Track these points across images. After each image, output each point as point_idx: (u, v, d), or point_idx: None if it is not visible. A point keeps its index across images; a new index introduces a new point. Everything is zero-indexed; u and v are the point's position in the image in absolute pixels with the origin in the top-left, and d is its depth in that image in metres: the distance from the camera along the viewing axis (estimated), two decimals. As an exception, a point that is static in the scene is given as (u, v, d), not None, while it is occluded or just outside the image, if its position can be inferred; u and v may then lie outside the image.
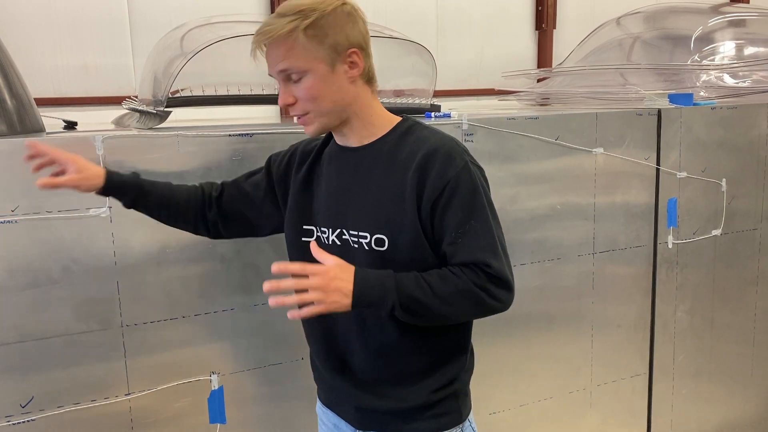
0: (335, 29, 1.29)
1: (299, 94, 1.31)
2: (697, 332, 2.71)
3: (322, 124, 1.35)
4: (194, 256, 1.89)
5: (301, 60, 1.28)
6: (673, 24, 3.46)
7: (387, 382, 1.42)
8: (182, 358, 1.92)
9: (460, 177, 1.29)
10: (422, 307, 1.26)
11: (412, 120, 1.42)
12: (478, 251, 1.28)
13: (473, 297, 1.27)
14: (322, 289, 1.19)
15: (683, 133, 2.55)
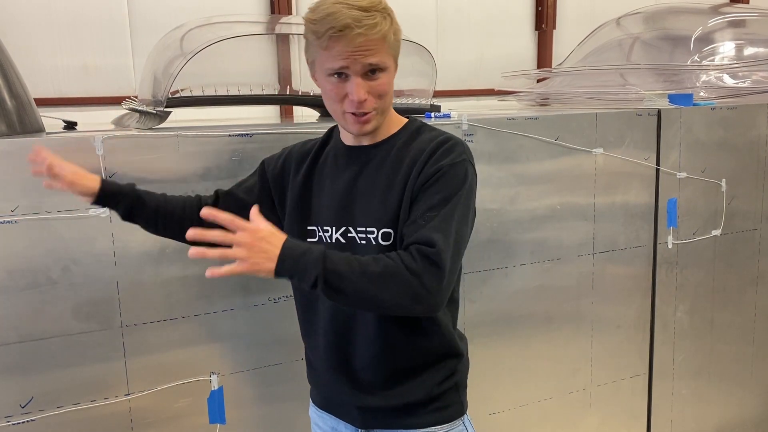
0: (395, 33, 1.35)
1: (377, 90, 1.33)
2: (697, 333, 2.71)
3: (379, 122, 1.38)
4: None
5: (386, 57, 1.32)
6: (672, 24, 3.46)
7: (390, 380, 1.42)
8: (182, 359, 1.91)
9: (452, 167, 1.32)
10: (346, 283, 1.20)
11: (420, 121, 1.47)
12: (432, 231, 1.25)
13: (401, 279, 1.21)
14: (247, 247, 1.16)
15: (683, 133, 2.55)
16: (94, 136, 1.77)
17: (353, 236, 1.38)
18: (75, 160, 1.73)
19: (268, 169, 1.57)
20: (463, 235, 1.32)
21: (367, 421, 1.47)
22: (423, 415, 1.43)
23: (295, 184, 1.49)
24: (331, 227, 1.41)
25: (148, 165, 1.82)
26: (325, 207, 1.43)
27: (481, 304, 2.31)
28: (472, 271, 2.28)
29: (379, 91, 1.32)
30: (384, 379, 1.42)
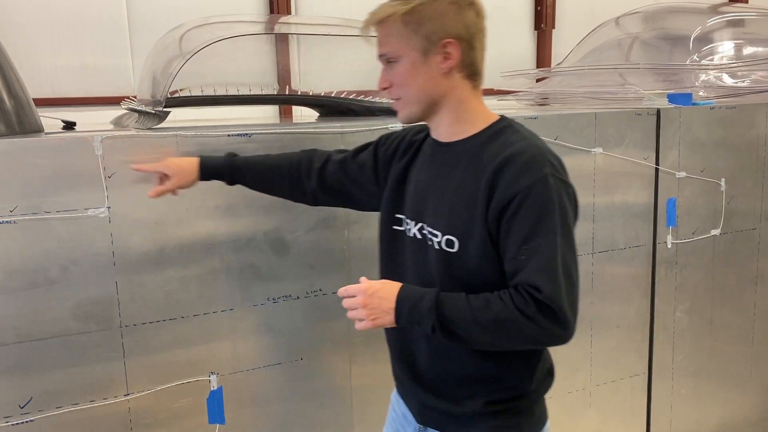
0: (433, 18, 1.28)
1: (393, 80, 1.32)
2: (697, 332, 2.70)
3: (411, 112, 1.35)
4: (193, 257, 1.88)
5: (395, 45, 1.30)
6: (671, 24, 3.46)
7: (446, 383, 1.41)
8: (181, 359, 1.91)
9: (533, 189, 1.22)
10: (461, 330, 1.23)
11: (508, 121, 1.37)
12: (533, 273, 1.19)
13: (515, 326, 1.19)
14: (363, 306, 1.27)
15: (682, 132, 2.55)
16: (93, 136, 1.77)
17: (426, 233, 1.38)
18: (74, 160, 1.74)
19: (381, 149, 1.57)
20: (571, 263, 1.23)
21: (424, 418, 1.48)
22: (473, 428, 1.40)
23: (396, 170, 1.49)
24: (411, 221, 1.42)
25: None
26: (410, 199, 1.44)
27: (481, 303, 2.31)
28: (471, 270, 2.28)
29: (395, 80, 1.32)
30: (441, 382, 1.42)
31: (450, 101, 1.33)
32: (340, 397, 2.13)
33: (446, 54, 1.29)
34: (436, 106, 1.34)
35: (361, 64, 2.71)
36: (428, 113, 1.35)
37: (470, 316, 1.22)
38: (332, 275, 2.06)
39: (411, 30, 1.28)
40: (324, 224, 2.03)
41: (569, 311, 1.20)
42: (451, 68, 1.30)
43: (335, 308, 2.07)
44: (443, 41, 1.28)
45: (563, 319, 1.19)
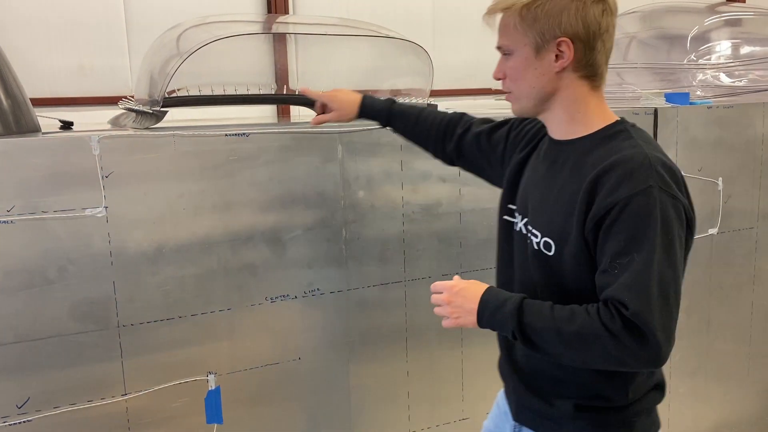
0: (550, 15, 1.24)
1: (506, 72, 1.32)
2: (694, 331, 2.71)
3: (520, 106, 1.35)
4: (191, 256, 1.88)
5: (511, 39, 1.29)
6: (669, 23, 3.46)
7: (539, 380, 1.39)
8: (179, 359, 1.91)
9: (633, 200, 1.15)
10: (542, 340, 1.20)
11: (625, 125, 1.31)
12: (623, 288, 1.13)
13: (599, 342, 1.14)
14: (447, 303, 1.30)
15: (680, 132, 2.55)
16: (90, 136, 1.77)
17: (528, 231, 1.37)
18: (71, 160, 1.74)
19: (512, 133, 1.56)
20: (669, 282, 1.15)
21: (519, 416, 1.47)
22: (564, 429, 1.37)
23: (516, 160, 1.49)
24: (519, 215, 1.42)
25: (144, 164, 1.82)
26: (521, 192, 1.44)
27: (479, 303, 2.31)
28: (469, 270, 2.28)
29: (508, 74, 1.32)
30: (534, 378, 1.40)
31: (563, 100, 1.30)
32: (338, 397, 2.13)
33: (559, 53, 1.26)
34: (547, 104, 1.31)
35: (358, 64, 2.71)
36: (540, 110, 1.34)
37: (552, 326, 1.18)
38: (330, 275, 2.06)
39: (527, 25, 1.26)
40: (322, 224, 2.03)
41: (660, 333, 1.11)
42: (563, 68, 1.27)
43: (333, 308, 2.08)
44: (557, 40, 1.25)
45: (652, 341, 1.11)
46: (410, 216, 2.17)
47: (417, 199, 2.18)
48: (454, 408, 2.32)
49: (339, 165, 2.04)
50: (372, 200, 2.11)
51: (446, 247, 2.24)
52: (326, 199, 2.03)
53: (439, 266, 2.24)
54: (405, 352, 2.22)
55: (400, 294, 2.19)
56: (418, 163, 2.16)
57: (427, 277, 2.22)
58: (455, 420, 2.33)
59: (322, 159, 2.01)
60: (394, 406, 2.22)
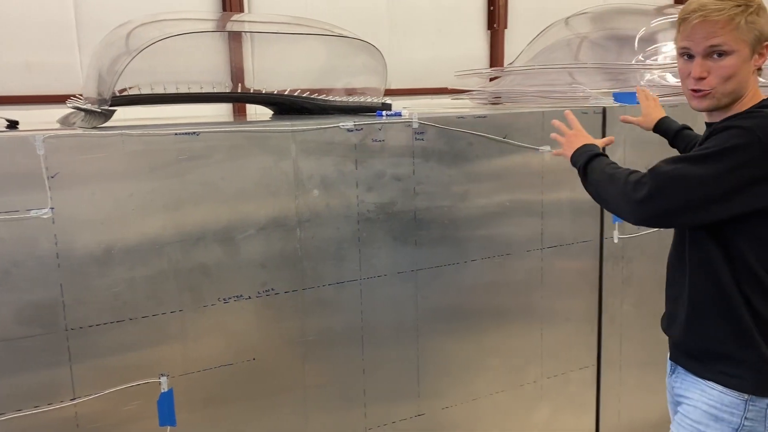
0: (763, 21, 1.46)
1: (715, 71, 1.47)
2: (643, 324, 2.79)
3: (716, 102, 1.50)
4: (141, 257, 1.86)
5: (733, 41, 1.45)
6: (618, 24, 3.55)
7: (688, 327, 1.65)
8: (130, 361, 1.89)
9: (725, 130, 1.41)
10: (592, 174, 1.63)
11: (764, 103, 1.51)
12: (670, 159, 1.45)
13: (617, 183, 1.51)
14: (566, 136, 1.81)
15: (627, 131, 2.62)
16: (35, 136, 1.73)
17: None
18: (16, 160, 1.69)
19: None
20: (687, 175, 1.40)
21: (672, 354, 1.77)
22: (707, 367, 1.60)
23: None
24: None
25: (92, 164, 1.79)
26: None
27: (434, 299, 2.34)
28: (424, 267, 2.30)
29: (721, 73, 1.47)
30: (687, 319, 1.64)
31: (746, 94, 1.51)
32: (293, 397, 2.13)
33: (762, 53, 1.49)
34: (736, 98, 1.50)
35: (313, 63, 2.70)
36: (730, 104, 1.51)
37: (602, 167, 1.60)
38: (284, 274, 2.06)
39: (749, 29, 1.45)
40: (275, 223, 2.02)
41: (647, 195, 1.43)
42: (760, 66, 1.50)
43: (288, 307, 2.08)
44: (764, 43, 1.48)
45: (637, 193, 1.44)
46: (365, 215, 2.18)
47: (372, 197, 2.19)
48: (410, 405, 2.34)
49: (292, 164, 2.04)
50: (327, 199, 2.11)
51: (401, 245, 2.26)
52: (279, 198, 2.02)
53: (395, 264, 2.25)
54: (361, 351, 2.23)
55: (356, 292, 2.20)
56: (373, 161, 2.17)
57: (382, 275, 2.24)
58: (411, 416, 2.35)
59: (275, 158, 2.01)
60: (350, 404, 2.23)
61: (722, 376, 1.57)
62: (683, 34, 1.51)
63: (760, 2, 1.47)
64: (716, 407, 1.59)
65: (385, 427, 2.30)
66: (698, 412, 1.62)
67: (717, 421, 1.59)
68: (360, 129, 2.14)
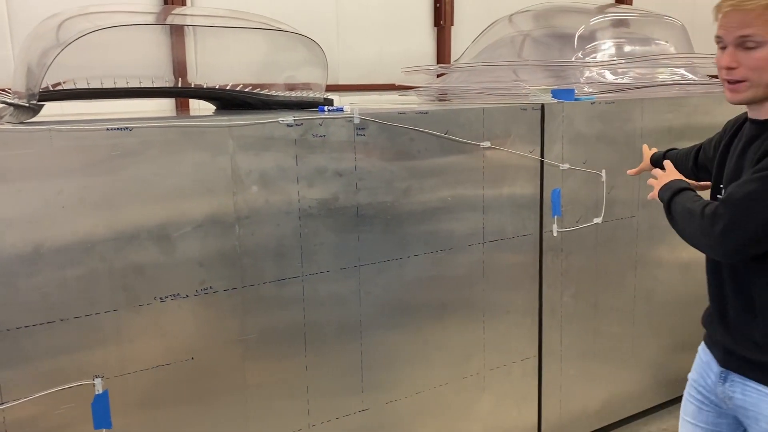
0: None
1: (746, 62, 1.43)
2: (582, 315, 2.86)
3: (752, 94, 1.47)
4: (72, 256, 1.81)
5: (766, 32, 1.40)
6: (560, 22, 3.62)
7: (750, 333, 1.56)
8: (62, 363, 1.83)
9: None
10: (674, 210, 1.59)
11: None
12: (734, 187, 1.44)
13: (693, 219, 1.50)
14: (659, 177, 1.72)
15: (565, 126, 2.68)
16: (-45, 131, 1.66)
17: None
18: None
19: (717, 136, 1.79)
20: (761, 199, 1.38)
21: (727, 362, 1.65)
22: None
23: (721, 147, 1.69)
24: (725, 190, 1.60)
25: (19, 161, 1.73)
26: (726, 172, 1.63)
27: (377, 295, 2.34)
28: (367, 263, 2.31)
29: (751, 64, 1.43)
30: (746, 331, 1.57)
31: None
32: (234, 396, 2.10)
33: None
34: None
35: (255, 57, 2.67)
36: (766, 96, 1.48)
37: (683, 202, 1.57)
38: (223, 272, 2.03)
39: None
40: (213, 220, 1.99)
41: (722, 226, 1.42)
42: None
43: (227, 305, 2.06)
44: None
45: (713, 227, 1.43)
46: (307, 210, 2.17)
47: (313, 193, 2.18)
48: (354, 400, 2.35)
49: (230, 160, 2.01)
50: (266, 195, 2.09)
51: (344, 241, 2.26)
52: (217, 194, 2.00)
53: (337, 260, 2.25)
54: (303, 348, 2.22)
55: (298, 289, 2.18)
56: (314, 157, 2.16)
57: (325, 271, 2.23)
58: (355, 411, 2.35)
59: (212, 153, 1.98)
60: (292, 401, 2.22)
61: None
62: (718, 23, 1.47)
63: None
64: None
65: (328, 423, 2.30)
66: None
67: None
68: (300, 124, 2.12)
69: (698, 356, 1.80)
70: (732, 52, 1.45)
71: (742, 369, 1.60)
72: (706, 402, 1.73)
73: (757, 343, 1.55)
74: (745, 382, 1.59)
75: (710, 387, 1.70)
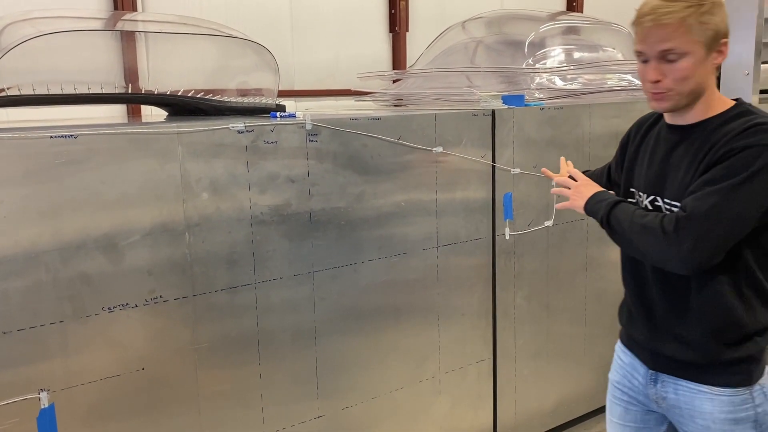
0: (718, 19, 1.44)
1: (671, 74, 1.46)
2: (535, 316, 2.91)
3: (676, 102, 1.50)
4: (14, 267, 1.76)
5: (686, 43, 1.43)
6: (511, 29, 3.69)
7: (678, 332, 1.57)
8: (5, 377, 1.78)
9: (745, 150, 1.39)
10: (618, 226, 1.53)
11: (746, 105, 1.52)
12: (693, 200, 1.41)
13: (654, 236, 1.44)
14: (573, 188, 1.69)
15: (516, 132, 2.73)
16: None
17: (659, 205, 1.58)
18: None
19: (624, 141, 1.80)
20: (729, 215, 1.38)
21: (656, 364, 1.65)
22: (705, 375, 1.56)
23: (630, 150, 1.72)
24: (643, 194, 1.63)
25: (-44, 170, 1.68)
26: (643, 175, 1.64)
27: (331, 300, 2.34)
28: (321, 269, 2.31)
29: (675, 75, 1.46)
30: (674, 332, 1.58)
31: (707, 91, 1.51)
32: (186, 406, 2.08)
33: (720, 51, 1.47)
34: (696, 97, 1.50)
35: (206, 64, 2.65)
36: (690, 102, 1.51)
37: (629, 218, 1.51)
38: (173, 281, 2.01)
39: (703, 29, 1.43)
40: (162, 228, 1.97)
41: (691, 242, 1.39)
42: (719, 64, 1.49)
43: (178, 315, 2.03)
44: (723, 40, 1.47)
45: (684, 245, 1.40)
46: (259, 217, 2.16)
47: (265, 200, 2.17)
48: (309, 406, 2.34)
49: (179, 167, 1.99)
50: (217, 202, 2.08)
51: (297, 247, 2.25)
52: (166, 202, 1.97)
53: (291, 267, 2.25)
54: (257, 356, 2.20)
55: (250, 297, 2.17)
56: (265, 163, 2.15)
57: (278, 278, 2.22)
58: (311, 418, 2.35)
59: (160, 161, 1.95)
60: (247, 410, 2.20)
61: (728, 377, 1.55)
62: (637, 38, 1.49)
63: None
64: (732, 411, 1.55)
65: (284, 431, 2.29)
66: (718, 423, 1.56)
67: (737, 423, 1.56)
68: (251, 130, 2.11)
69: (617, 357, 1.81)
70: (656, 66, 1.48)
71: (671, 369, 1.62)
72: (633, 402, 1.74)
73: (687, 341, 1.56)
74: (677, 381, 1.61)
75: (637, 388, 1.71)
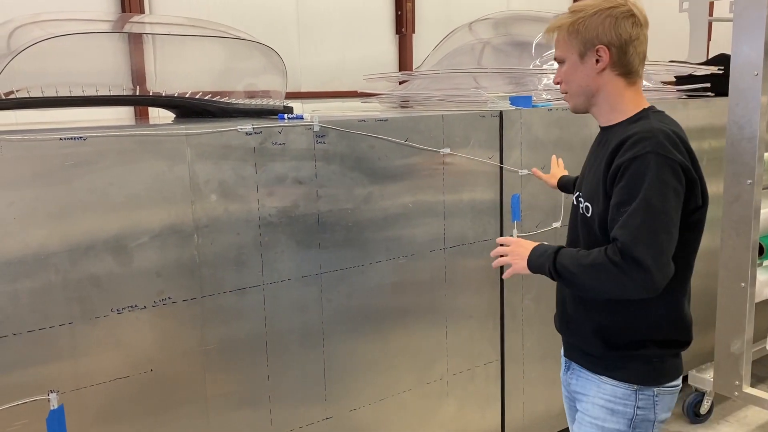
0: (590, 29, 1.60)
1: (561, 77, 1.68)
2: (543, 318, 2.90)
3: (574, 103, 1.71)
4: (24, 269, 1.77)
5: (562, 50, 1.66)
6: (518, 30, 3.68)
7: (583, 328, 1.73)
8: (15, 379, 1.79)
9: (633, 162, 1.50)
10: (567, 273, 1.56)
11: (648, 112, 1.64)
12: (618, 228, 1.49)
13: (605, 270, 1.49)
14: (510, 254, 1.70)
15: (523, 133, 2.72)
16: None
17: (576, 204, 1.76)
18: None
19: None
20: (658, 222, 1.47)
21: (567, 351, 1.87)
22: (597, 365, 1.73)
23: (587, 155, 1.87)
24: (578, 191, 1.78)
25: (-34, 172, 1.69)
26: (581, 176, 1.83)
27: (339, 302, 2.34)
28: (329, 270, 2.31)
29: (563, 78, 1.68)
30: (577, 325, 1.76)
31: (605, 95, 1.65)
32: (195, 408, 2.08)
33: (599, 57, 1.61)
34: (593, 98, 1.67)
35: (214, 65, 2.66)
36: (589, 104, 1.69)
37: (576, 263, 1.54)
38: (182, 282, 2.01)
39: (573, 38, 1.62)
40: (170, 229, 1.97)
41: (650, 260, 1.44)
42: (602, 69, 1.62)
43: (187, 316, 2.03)
44: (596, 47, 1.60)
45: (643, 266, 1.44)
46: (267, 219, 2.16)
47: (273, 201, 2.17)
48: (317, 408, 2.34)
49: (188, 168, 1.99)
50: (225, 204, 2.08)
51: (305, 249, 2.25)
52: (175, 204, 1.97)
53: (299, 268, 2.25)
54: (265, 357, 2.20)
55: (259, 298, 2.17)
56: (273, 165, 2.15)
57: (286, 279, 2.22)
58: (319, 420, 2.35)
59: (169, 162, 1.96)
60: (254, 411, 2.20)
61: (614, 371, 1.69)
62: None
63: (598, 8, 1.60)
64: (611, 401, 1.70)
65: (291, 433, 2.29)
66: (596, 408, 1.73)
67: (613, 414, 1.70)
68: (259, 132, 2.12)
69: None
70: (558, 70, 1.71)
71: (576, 357, 1.82)
72: (568, 396, 1.96)
73: (587, 337, 1.73)
74: (580, 369, 1.80)
75: (563, 380, 1.94)
